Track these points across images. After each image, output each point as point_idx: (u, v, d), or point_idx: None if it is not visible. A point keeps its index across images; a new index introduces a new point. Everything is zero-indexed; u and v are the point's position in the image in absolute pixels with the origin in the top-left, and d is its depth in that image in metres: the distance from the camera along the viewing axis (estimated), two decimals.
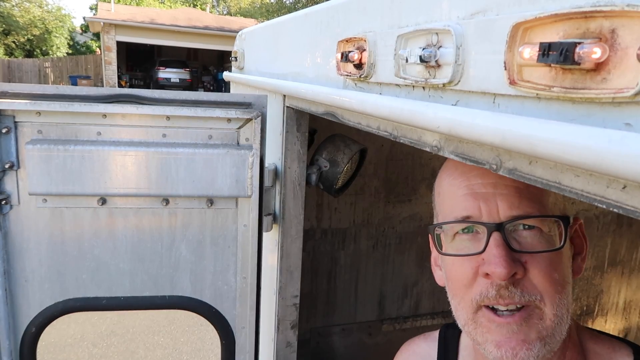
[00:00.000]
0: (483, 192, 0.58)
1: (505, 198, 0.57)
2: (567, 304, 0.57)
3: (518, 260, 0.55)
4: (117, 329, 3.81)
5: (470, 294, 0.58)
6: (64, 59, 22.45)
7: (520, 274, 0.55)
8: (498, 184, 0.58)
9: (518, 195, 0.57)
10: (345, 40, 0.75)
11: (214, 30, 19.12)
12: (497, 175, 0.57)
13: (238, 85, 1.67)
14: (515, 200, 0.56)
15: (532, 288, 0.56)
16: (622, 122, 0.33)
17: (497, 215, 0.57)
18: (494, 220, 0.57)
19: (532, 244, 0.56)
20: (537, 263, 0.56)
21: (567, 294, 0.57)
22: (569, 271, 0.60)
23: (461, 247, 0.60)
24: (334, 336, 1.87)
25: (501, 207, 0.57)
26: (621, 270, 2.32)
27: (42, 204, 1.06)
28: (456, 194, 0.61)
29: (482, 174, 0.59)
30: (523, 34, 0.39)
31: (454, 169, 0.64)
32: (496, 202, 0.57)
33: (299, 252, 1.22)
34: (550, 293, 0.56)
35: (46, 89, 1.02)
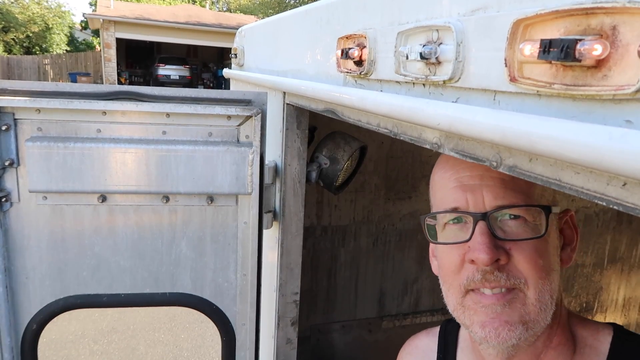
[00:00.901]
0: (470, 184, 0.61)
1: (490, 189, 0.60)
2: (550, 290, 0.60)
3: (502, 247, 0.59)
4: (117, 326, 3.82)
5: (458, 280, 0.62)
6: (63, 56, 22.40)
7: (504, 259, 0.58)
8: (485, 176, 0.61)
9: (503, 186, 0.60)
10: (345, 37, 0.74)
11: (214, 27, 19.06)
12: (485, 168, 0.60)
13: (238, 83, 1.66)
14: (500, 191, 0.59)
15: (517, 272, 0.59)
16: (622, 119, 0.33)
17: (482, 206, 0.60)
18: (479, 210, 0.60)
19: (516, 232, 0.59)
20: (521, 250, 0.59)
21: (551, 281, 0.60)
22: (555, 259, 0.62)
23: (451, 236, 0.64)
24: (334, 333, 1.88)
25: (487, 198, 0.60)
26: (621, 267, 2.33)
27: (42, 201, 1.06)
28: (446, 186, 0.65)
29: (470, 167, 0.62)
30: (524, 31, 0.39)
31: (445, 162, 0.67)
32: (482, 193, 0.60)
33: (299, 249, 1.22)
34: (534, 278, 0.59)
35: (46, 86, 1.02)
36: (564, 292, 2.30)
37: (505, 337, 0.58)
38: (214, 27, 19.09)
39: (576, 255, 0.69)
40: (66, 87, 1.03)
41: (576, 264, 2.25)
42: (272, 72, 1.25)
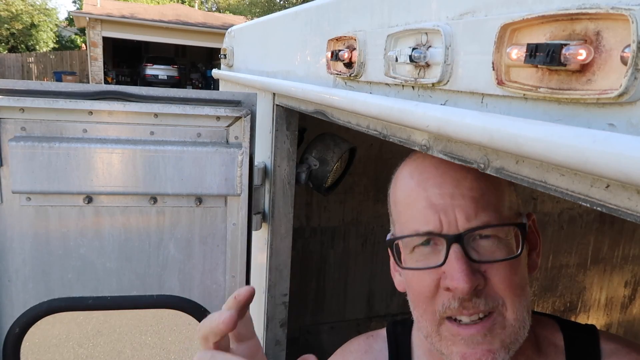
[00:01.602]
0: (441, 204, 0.57)
1: (462, 209, 0.56)
2: (527, 305, 0.58)
3: (478, 270, 0.56)
4: (103, 329, 3.76)
5: (432, 306, 0.58)
6: (48, 54, 21.99)
7: (482, 284, 0.55)
8: (455, 194, 0.57)
9: (474, 205, 0.56)
10: (335, 39, 0.75)
11: (203, 27, 18.92)
12: (453, 183, 0.57)
13: (227, 83, 1.66)
14: (472, 211, 0.56)
15: (494, 294, 0.56)
16: (605, 122, 0.33)
17: (455, 227, 0.56)
18: (453, 232, 0.56)
19: (490, 252, 0.56)
20: (497, 271, 0.56)
21: (526, 296, 0.58)
22: (526, 270, 0.61)
23: (421, 259, 0.59)
24: (323, 334, 1.88)
25: (459, 219, 0.56)
26: (603, 268, 2.38)
27: (26, 202, 1.04)
28: (414, 205, 0.60)
29: (438, 184, 0.58)
30: (511, 35, 0.40)
31: (409, 177, 0.62)
32: (454, 214, 0.56)
33: (288, 250, 1.22)
34: (511, 298, 0.56)
35: (30, 84, 1.00)
36: (549, 292, 2.34)
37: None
38: (203, 27, 18.96)
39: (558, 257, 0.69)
40: (51, 86, 1.01)
41: (560, 264, 2.29)
42: (262, 73, 1.25)
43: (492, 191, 0.58)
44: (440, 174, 0.59)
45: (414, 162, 0.64)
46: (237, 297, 0.49)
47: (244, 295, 0.49)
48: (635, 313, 2.56)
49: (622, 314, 2.53)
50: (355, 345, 0.80)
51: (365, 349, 0.78)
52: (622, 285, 2.46)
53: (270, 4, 21.25)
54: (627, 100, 0.31)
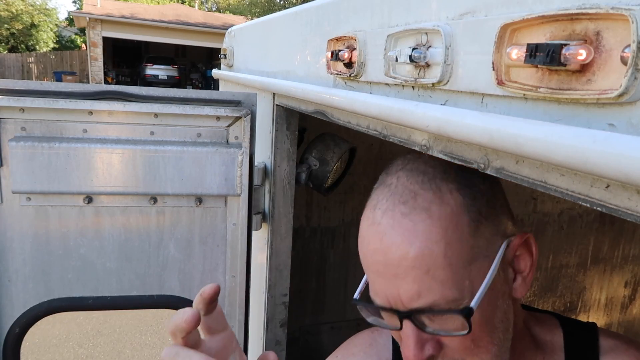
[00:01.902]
0: (386, 283, 0.55)
1: (405, 290, 0.53)
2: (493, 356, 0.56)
3: (432, 339, 0.55)
4: (103, 329, 3.76)
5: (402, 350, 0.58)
6: (48, 54, 21.99)
7: (436, 351, 0.55)
8: (398, 273, 0.53)
9: (417, 286, 0.52)
10: (335, 39, 0.75)
11: (203, 27, 18.92)
12: (397, 261, 0.53)
13: (227, 83, 1.66)
14: (414, 294, 0.52)
15: (452, 355, 0.56)
16: (605, 122, 0.33)
17: (402, 305, 0.54)
18: (401, 308, 0.54)
19: (443, 323, 0.54)
20: (451, 339, 0.55)
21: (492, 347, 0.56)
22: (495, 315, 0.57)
23: (385, 317, 0.59)
24: (323, 334, 1.88)
25: (403, 299, 0.53)
26: (603, 268, 2.38)
27: (26, 202, 1.04)
28: (368, 273, 0.58)
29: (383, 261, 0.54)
30: (511, 35, 0.40)
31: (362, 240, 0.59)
32: (399, 293, 0.54)
33: (288, 250, 1.22)
34: (471, 356, 0.56)
35: (30, 84, 1.00)
36: (549, 292, 2.34)
37: None
38: (203, 27, 18.96)
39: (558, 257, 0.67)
40: (51, 86, 1.01)
41: (560, 264, 2.29)
42: (262, 73, 1.25)
43: (439, 263, 0.52)
44: (384, 249, 0.54)
45: (365, 222, 0.58)
46: (202, 294, 0.51)
47: (209, 292, 0.51)
48: (635, 313, 2.56)
49: (622, 314, 2.53)
50: (360, 338, 0.81)
51: (370, 342, 0.79)
52: (622, 285, 2.46)
53: (270, 4, 21.26)
54: (627, 100, 0.31)
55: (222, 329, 0.56)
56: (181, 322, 0.49)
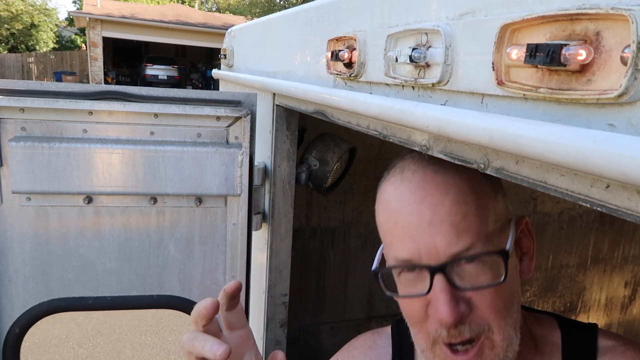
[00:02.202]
0: (420, 233, 0.55)
1: (442, 236, 0.54)
2: (514, 323, 0.58)
3: (463, 298, 0.55)
4: (103, 329, 3.76)
5: (426, 327, 0.59)
6: (48, 55, 21.99)
7: (467, 311, 0.55)
8: (433, 221, 0.55)
9: (455, 229, 0.54)
10: (335, 39, 0.75)
11: (203, 27, 18.92)
12: (431, 209, 0.55)
13: (227, 83, 1.66)
14: (453, 237, 0.54)
15: (480, 320, 0.56)
16: (605, 122, 0.33)
17: (437, 256, 0.55)
18: (435, 261, 0.55)
19: (475, 277, 0.55)
20: (482, 297, 0.56)
21: (512, 313, 0.58)
22: (515, 287, 0.59)
23: (407, 285, 0.59)
24: (323, 334, 1.88)
25: (440, 247, 0.54)
26: (603, 268, 2.38)
27: (26, 202, 1.04)
28: (393, 233, 0.59)
29: (416, 211, 0.56)
30: (511, 35, 0.40)
31: (387, 204, 0.60)
32: (434, 242, 0.54)
33: (288, 250, 1.22)
34: (497, 321, 0.56)
35: (30, 84, 1.00)
36: (549, 292, 2.34)
37: None
38: (203, 27, 18.96)
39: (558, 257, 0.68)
40: (51, 86, 1.01)
41: (560, 264, 2.29)
42: (262, 73, 1.25)
43: (473, 212, 0.55)
44: (418, 200, 0.56)
45: (392, 185, 0.61)
46: (226, 289, 0.57)
47: (231, 288, 0.57)
48: (635, 313, 2.56)
49: (622, 314, 2.53)
50: (360, 341, 0.82)
51: (370, 344, 0.80)
52: (622, 285, 2.46)
53: (270, 4, 21.26)
54: (627, 101, 0.31)
55: (241, 326, 0.61)
56: (202, 308, 0.54)
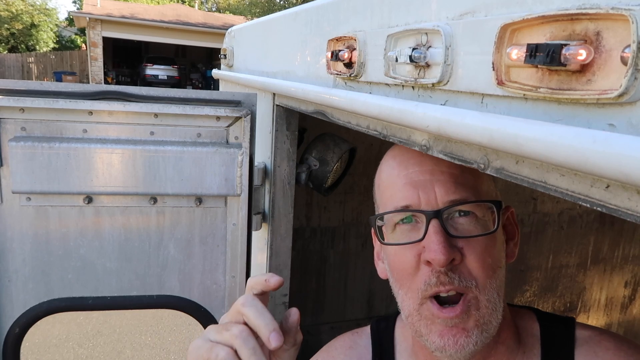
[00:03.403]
0: (421, 180, 0.60)
1: (442, 184, 0.59)
2: (497, 288, 0.60)
3: (455, 245, 0.58)
4: (103, 329, 3.76)
5: (415, 284, 0.60)
6: (48, 55, 21.99)
7: (458, 259, 0.58)
8: (435, 170, 0.60)
9: (454, 181, 0.59)
10: (335, 39, 0.75)
11: (203, 27, 18.92)
12: (434, 161, 0.60)
13: (227, 83, 1.66)
14: (451, 186, 0.59)
15: (468, 274, 0.59)
16: (605, 122, 0.33)
17: (435, 202, 0.59)
18: (432, 207, 0.59)
19: (468, 229, 0.59)
20: (472, 248, 0.59)
21: (497, 277, 0.61)
22: (501, 255, 0.63)
23: (402, 236, 0.62)
24: (323, 334, 1.88)
25: (438, 193, 0.59)
26: (603, 268, 2.38)
27: (26, 202, 1.04)
28: (395, 183, 0.63)
29: (419, 162, 0.61)
30: (511, 35, 0.40)
31: (392, 159, 0.66)
32: (434, 189, 0.59)
33: (288, 250, 1.22)
34: (482, 278, 0.59)
35: (30, 84, 1.00)
36: (549, 292, 2.34)
37: (463, 344, 0.58)
38: (203, 27, 18.96)
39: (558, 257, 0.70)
40: (51, 86, 1.01)
41: (560, 264, 2.29)
42: (262, 73, 1.25)
43: (470, 172, 0.60)
44: (421, 153, 0.60)
45: (397, 147, 0.66)
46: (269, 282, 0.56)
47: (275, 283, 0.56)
48: (635, 313, 2.56)
49: (622, 314, 2.53)
50: (340, 341, 0.82)
51: (350, 344, 0.80)
52: (622, 285, 2.46)
53: (270, 4, 21.26)
54: (627, 101, 0.31)
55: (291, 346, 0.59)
56: (262, 279, 0.55)
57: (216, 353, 0.51)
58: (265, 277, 0.55)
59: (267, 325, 0.51)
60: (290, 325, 0.56)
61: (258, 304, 0.54)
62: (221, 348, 0.51)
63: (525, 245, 2.14)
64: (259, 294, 0.56)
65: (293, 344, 0.57)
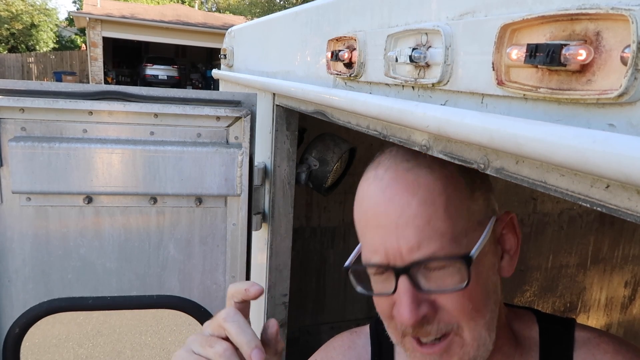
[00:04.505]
0: (387, 234, 0.56)
1: (405, 240, 0.54)
2: (486, 323, 0.57)
3: (427, 300, 0.55)
4: (103, 329, 3.76)
5: (394, 322, 0.59)
6: (48, 55, 22.00)
7: (431, 314, 0.55)
8: (399, 224, 0.54)
9: (418, 235, 0.54)
10: (335, 39, 0.75)
11: (203, 27, 18.93)
12: (398, 213, 0.54)
13: (227, 83, 1.66)
14: (414, 244, 0.54)
15: (448, 319, 0.56)
16: (605, 122, 0.33)
17: (401, 258, 0.55)
18: (399, 263, 0.55)
19: (441, 280, 0.55)
20: (448, 299, 0.55)
21: (485, 313, 0.57)
22: (491, 282, 0.59)
23: (376, 286, 0.61)
24: (323, 334, 1.88)
25: (403, 251, 0.54)
26: (603, 268, 2.38)
27: (26, 202, 1.04)
28: (366, 233, 0.60)
29: (384, 212, 0.56)
30: (511, 35, 0.40)
31: (361, 201, 0.61)
32: (399, 245, 0.55)
33: (288, 250, 1.22)
34: (466, 321, 0.56)
35: (30, 85, 1.00)
36: (549, 292, 2.34)
37: None
38: (203, 27, 18.96)
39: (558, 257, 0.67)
40: (51, 86, 1.01)
41: (560, 264, 2.29)
42: (262, 73, 1.25)
43: (440, 215, 0.54)
44: (387, 199, 0.56)
45: (366, 182, 0.61)
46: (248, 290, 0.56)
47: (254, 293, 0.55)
48: (635, 313, 2.56)
49: (622, 314, 2.53)
50: (339, 341, 0.81)
51: (349, 344, 0.79)
52: (622, 285, 2.46)
53: (270, 4, 21.26)
54: (627, 101, 0.31)
55: None
56: (242, 288, 0.55)
57: None
58: (245, 286, 0.54)
59: (249, 342, 0.51)
60: (269, 337, 0.56)
61: (240, 319, 0.53)
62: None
63: (525, 245, 2.14)
64: (239, 302, 0.55)
65: (275, 354, 0.57)
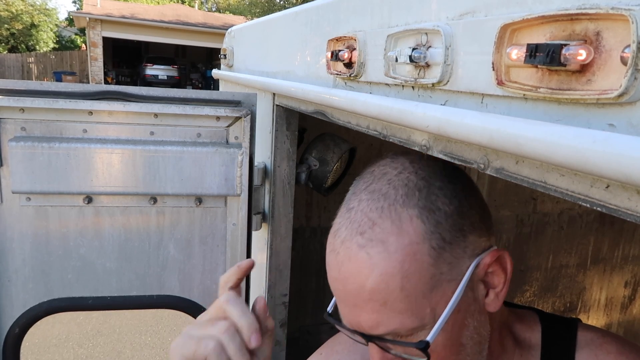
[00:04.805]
0: (349, 310, 0.56)
1: (365, 320, 0.54)
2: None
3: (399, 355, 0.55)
4: (103, 329, 3.76)
5: None
6: (48, 55, 22.00)
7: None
8: (357, 302, 0.53)
9: (377, 313, 0.52)
10: (335, 39, 0.75)
11: (202, 27, 18.93)
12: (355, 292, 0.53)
13: (227, 83, 1.66)
14: (373, 323, 0.53)
15: None
16: (605, 122, 0.33)
17: (365, 331, 0.55)
18: (366, 333, 0.55)
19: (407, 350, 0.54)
20: None
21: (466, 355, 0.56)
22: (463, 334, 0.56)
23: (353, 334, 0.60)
24: (323, 334, 1.88)
25: (365, 327, 0.54)
26: (603, 268, 2.38)
27: (26, 202, 1.04)
28: (334, 295, 0.59)
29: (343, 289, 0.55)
30: (511, 35, 0.40)
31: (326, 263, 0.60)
32: (359, 322, 0.54)
33: (288, 250, 1.22)
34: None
35: (30, 85, 1.00)
36: (549, 292, 2.34)
37: None
38: (203, 27, 18.96)
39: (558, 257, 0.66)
40: (51, 86, 1.01)
41: (560, 264, 2.29)
42: (262, 73, 1.25)
43: (397, 295, 0.51)
44: (343, 280, 0.54)
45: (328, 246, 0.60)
46: (240, 265, 0.60)
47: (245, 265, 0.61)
48: (635, 313, 2.56)
49: (622, 314, 2.53)
50: (344, 336, 0.80)
51: (353, 341, 0.79)
52: (622, 285, 2.46)
53: (270, 4, 21.26)
54: (627, 101, 0.31)
55: None
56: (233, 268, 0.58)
57: (205, 344, 0.52)
58: (235, 267, 0.57)
59: (250, 325, 0.52)
60: (258, 314, 0.58)
61: (242, 302, 0.55)
62: (209, 340, 0.53)
63: (525, 245, 2.14)
64: (234, 286, 0.58)
65: (265, 331, 0.59)
